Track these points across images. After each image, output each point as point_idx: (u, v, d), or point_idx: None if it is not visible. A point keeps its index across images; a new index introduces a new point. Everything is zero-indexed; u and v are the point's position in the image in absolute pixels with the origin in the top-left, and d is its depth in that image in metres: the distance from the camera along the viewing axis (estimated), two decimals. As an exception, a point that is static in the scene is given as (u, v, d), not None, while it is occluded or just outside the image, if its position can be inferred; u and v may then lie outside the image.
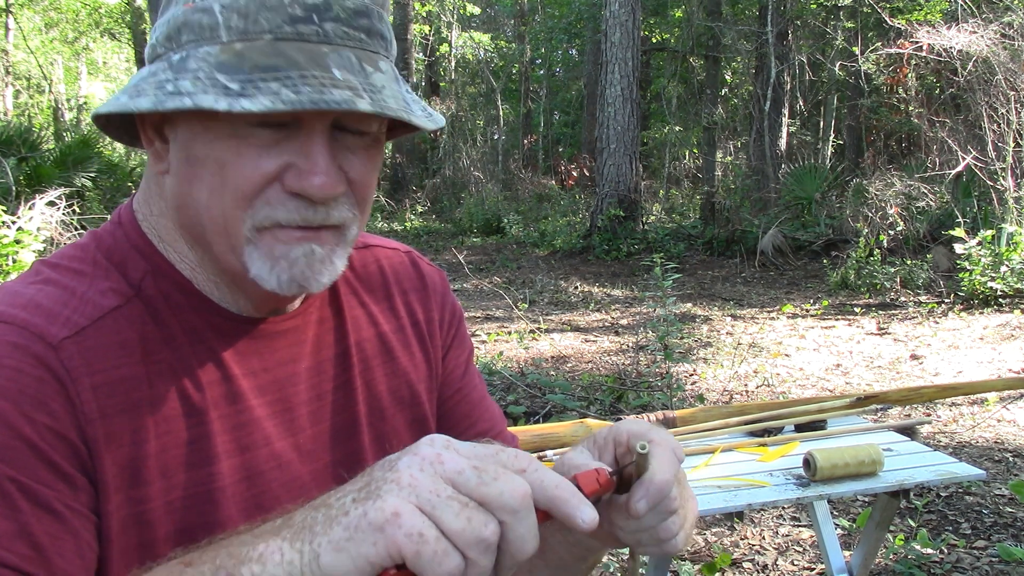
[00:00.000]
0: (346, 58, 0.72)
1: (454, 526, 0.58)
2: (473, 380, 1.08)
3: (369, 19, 0.74)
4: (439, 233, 16.23)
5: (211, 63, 0.71)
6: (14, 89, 23.40)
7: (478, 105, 22.95)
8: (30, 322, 0.75)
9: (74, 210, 7.78)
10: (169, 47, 0.74)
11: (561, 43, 22.09)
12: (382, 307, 1.00)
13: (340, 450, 0.91)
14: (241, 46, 0.71)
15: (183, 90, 0.70)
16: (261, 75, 0.69)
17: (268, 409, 0.86)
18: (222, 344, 0.84)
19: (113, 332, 0.78)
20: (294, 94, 0.68)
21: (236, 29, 0.71)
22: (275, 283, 0.78)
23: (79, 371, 0.75)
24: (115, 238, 0.85)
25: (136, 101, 0.72)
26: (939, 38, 9.64)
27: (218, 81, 0.69)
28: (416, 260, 1.06)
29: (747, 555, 3.37)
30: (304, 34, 0.71)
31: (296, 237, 0.77)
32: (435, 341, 1.03)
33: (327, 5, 0.72)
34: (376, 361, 0.97)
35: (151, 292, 0.82)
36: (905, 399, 3.79)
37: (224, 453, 0.82)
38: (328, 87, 0.69)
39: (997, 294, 7.86)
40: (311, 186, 0.75)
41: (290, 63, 0.70)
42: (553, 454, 2.49)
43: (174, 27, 0.74)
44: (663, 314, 5.05)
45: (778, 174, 13.42)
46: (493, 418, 1.09)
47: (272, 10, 0.71)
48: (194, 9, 0.73)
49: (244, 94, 0.68)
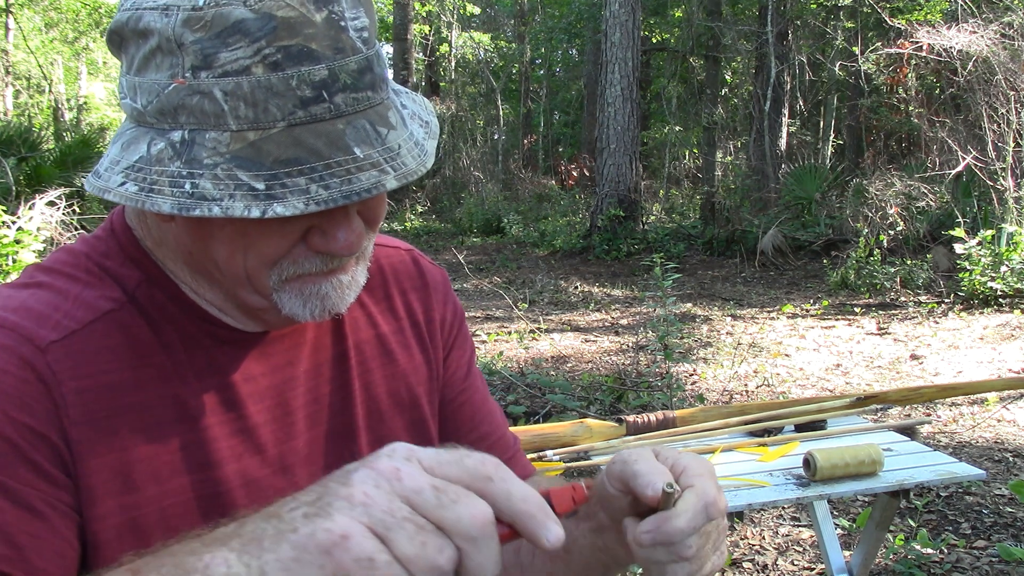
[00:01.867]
0: (361, 129, 0.70)
1: (407, 551, 0.54)
2: (475, 382, 1.07)
3: (371, 71, 0.72)
4: (439, 233, 16.23)
5: (225, 156, 0.67)
6: (14, 89, 23.40)
7: (478, 105, 22.95)
8: (19, 325, 0.75)
9: (74, 210, 7.77)
10: (164, 121, 0.70)
11: (561, 43, 22.08)
12: (381, 307, 0.99)
13: (337, 454, 0.90)
14: (254, 136, 0.68)
15: (207, 194, 0.66)
16: (285, 169, 0.67)
17: (267, 415, 0.86)
18: (219, 350, 0.84)
19: (103, 336, 0.78)
20: (324, 190, 0.67)
21: (246, 118, 0.68)
22: (309, 316, 0.79)
23: (65, 374, 0.74)
24: (108, 247, 0.84)
25: (152, 199, 0.68)
26: (939, 38, 9.64)
27: (241, 181, 0.67)
28: (417, 258, 1.05)
29: (747, 555, 3.37)
30: (317, 115, 0.69)
31: (322, 277, 0.79)
32: (436, 341, 1.02)
33: (333, 76, 0.69)
34: (375, 363, 0.96)
35: (145, 300, 0.82)
36: (905, 399, 3.79)
37: (219, 459, 0.82)
38: (354, 172, 0.68)
39: (997, 294, 7.86)
40: (337, 248, 0.75)
41: (312, 153, 0.68)
42: (553, 454, 2.49)
43: (168, 105, 0.69)
44: (663, 314, 5.05)
45: (778, 174, 13.42)
46: (495, 421, 1.08)
47: (280, 96, 0.67)
48: (190, 90, 0.68)
49: (272, 195, 0.66)
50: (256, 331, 0.86)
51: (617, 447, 2.52)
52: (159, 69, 0.69)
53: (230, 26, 0.67)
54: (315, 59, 0.68)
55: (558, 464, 2.47)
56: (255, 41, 0.67)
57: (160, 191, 0.68)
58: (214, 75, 0.67)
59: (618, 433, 2.62)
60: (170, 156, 0.69)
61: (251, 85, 0.67)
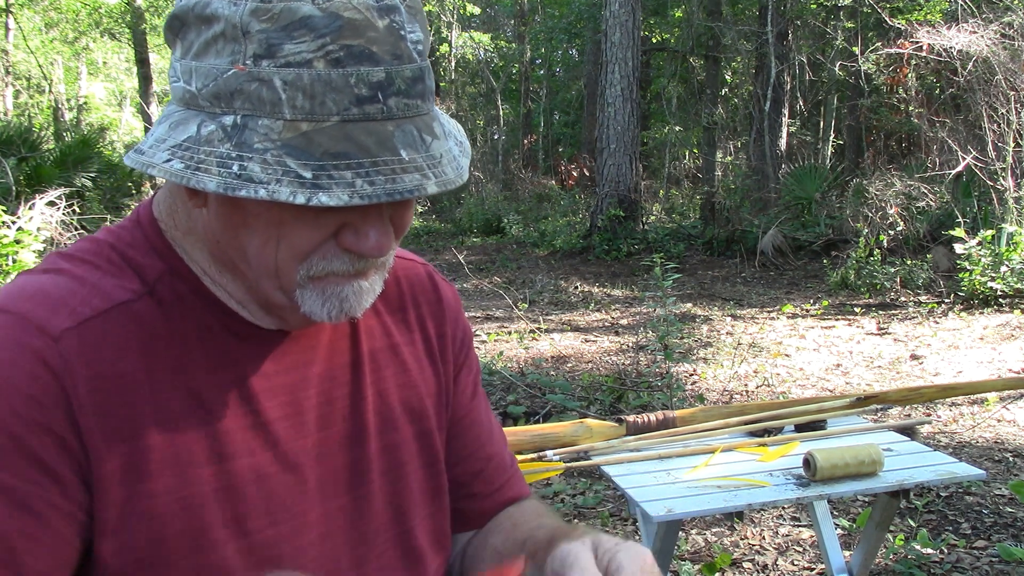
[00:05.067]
0: (409, 133, 0.72)
1: None
2: (480, 403, 1.09)
3: (423, 82, 0.74)
4: (439, 233, 16.23)
5: (276, 143, 0.69)
6: (14, 89, 23.40)
7: (478, 105, 22.96)
8: (32, 312, 0.76)
9: (74, 210, 7.78)
10: (217, 105, 0.71)
11: (561, 43, 22.08)
12: (396, 319, 1.00)
13: (346, 456, 0.91)
14: (308, 127, 0.69)
15: (254, 177, 0.67)
16: (333, 162, 0.68)
17: (280, 412, 0.86)
18: (236, 345, 0.85)
19: (118, 326, 0.78)
20: (369, 186, 0.68)
21: (302, 109, 0.69)
22: (326, 317, 0.81)
23: (77, 362, 0.75)
24: (134, 237, 0.85)
25: (199, 177, 0.69)
26: (939, 38, 9.64)
27: (289, 168, 0.68)
28: (432, 274, 1.07)
29: (747, 555, 3.37)
30: (370, 114, 0.70)
31: (346, 280, 0.80)
32: (447, 358, 1.04)
33: (390, 80, 0.71)
34: (388, 371, 0.97)
35: (165, 292, 0.82)
36: (905, 399, 3.78)
37: (232, 453, 0.82)
38: (399, 173, 0.70)
39: (997, 294, 7.86)
40: (367, 249, 0.77)
41: (361, 149, 0.69)
42: (553, 454, 2.49)
43: (224, 89, 0.70)
44: (663, 314, 5.05)
45: (778, 174, 13.42)
46: (498, 442, 1.10)
47: (338, 91, 0.69)
48: (249, 77, 0.70)
49: (319, 184, 0.67)
50: (274, 329, 0.87)
51: (617, 447, 2.52)
52: (220, 55, 0.71)
53: (297, 20, 0.69)
54: (375, 61, 0.70)
55: (558, 464, 2.47)
56: (320, 37, 0.69)
57: (207, 170, 0.69)
58: (276, 64, 0.69)
59: (618, 433, 2.62)
60: (220, 138, 0.70)
61: (311, 78, 0.69)
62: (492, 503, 1.07)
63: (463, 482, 1.05)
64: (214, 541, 0.80)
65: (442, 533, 1.00)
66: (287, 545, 0.85)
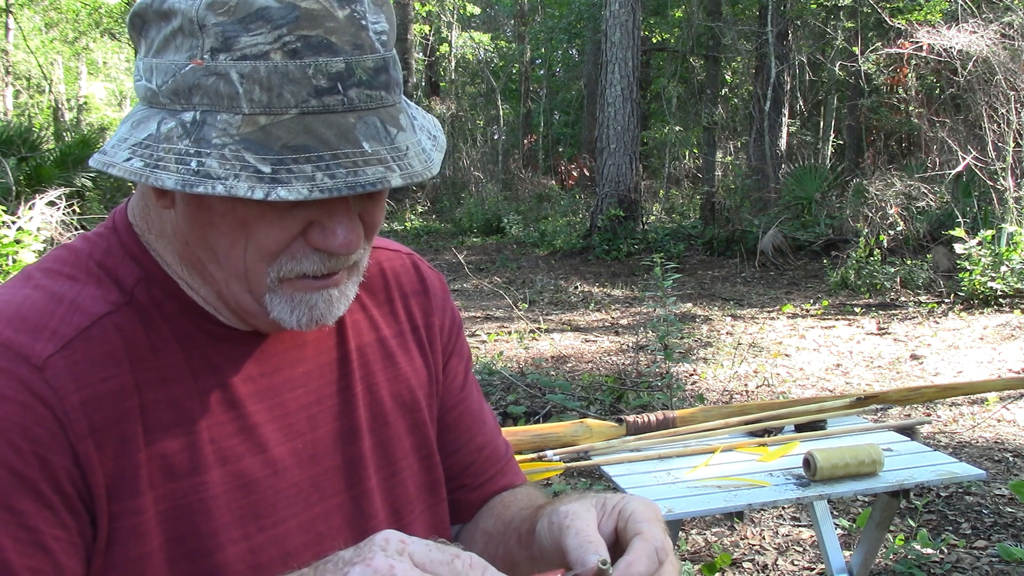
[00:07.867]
0: (372, 125, 0.71)
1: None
2: (472, 391, 1.08)
3: (387, 72, 0.73)
4: (439, 233, 16.22)
5: (235, 137, 0.68)
6: (14, 89, 23.39)
7: (478, 105, 22.95)
8: (13, 340, 0.74)
9: (74, 210, 7.78)
10: (177, 102, 0.70)
11: (561, 43, 22.08)
12: (383, 311, 0.99)
13: (340, 455, 0.91)
14: (266, 121, 0.68)
15: (212, 173, 0.66)
16: (292, 156, 0.67)
17: (267, 415, 0.85)
18: (217, 350, 0.83)
19: (101, 342, 0.77)
20: (330, 179, 0.67)
21: (259, 102, 0.68)
22: (295, 324, 0.80)
23: (66, 389, 0.74)
24: (109, 243, 0.84)
25: (157, 175, 0.68)
26: (939, 38, 9.64)
27: (248, 163, 0.67)
28: (417, 263, 1.05)
29: (747, 555, 3.37)
30: (330, 105, 0.69)
31: (316, 286, 0.78)
32: (435, 347, 1.03)
33: (350, 70, 0.70)
34: (377, 366, 0.96)
35: (143, 299, 0.81)
36: (905, 399, 3.79)
37: (219, 460, 0.81)
38: (360, 166, 0.68)
39: (997, 294, 7.85)
40: (335, 246, 0.75)
41: (321, 142, 0.68)
42: (553, 454, 2.49)
43: (183, 85, 0.70)
44: (663, 314, 5.05)
45: (778, 174, 13.41)
46: (491, 429, 1.09)
47: (296, 83, 0.68)
48: (207, 71, 0.69)
49: (277, 179, 0.66)
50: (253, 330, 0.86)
51: (617, 447, 2.52)
52: (178, 50, 0.70)
53: (253, 12, 0.68)
54: (334, 51, 0.69)
55: (558, 464, 2.47)
56: (276, 28, 0.68)
57: (165, 167, 0.68)
58: (232, 58, 0.68)
59: (618, 433, 2.62)
60: (179, 135, 0.69)
61: (268, 70, 0.68)
62: (481, 494, 1.06)
63: (453, 475, 1.04)
64: (207, 549, 0.80)
65: (441, 525, 1.00)
66: (281, 548, 0.84)
